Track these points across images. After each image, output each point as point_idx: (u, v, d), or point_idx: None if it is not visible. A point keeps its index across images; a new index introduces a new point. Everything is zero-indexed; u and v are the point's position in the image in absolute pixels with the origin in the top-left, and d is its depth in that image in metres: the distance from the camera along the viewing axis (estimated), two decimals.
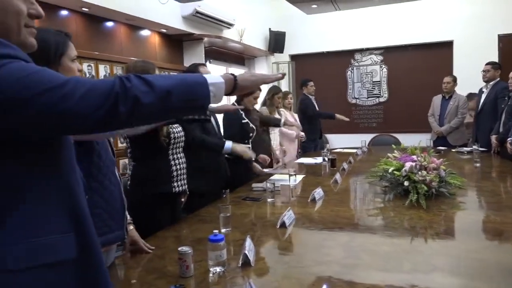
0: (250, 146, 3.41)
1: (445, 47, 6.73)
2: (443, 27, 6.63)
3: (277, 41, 7.21)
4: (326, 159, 4.06)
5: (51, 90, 0.79)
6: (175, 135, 2.39)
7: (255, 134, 3.48)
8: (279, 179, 3.06)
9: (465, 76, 5.77)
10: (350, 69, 7.52)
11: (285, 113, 4.80)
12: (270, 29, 7.20)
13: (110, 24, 4.35)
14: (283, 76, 1.20)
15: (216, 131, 2.98)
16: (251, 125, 3.43)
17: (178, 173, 2.44)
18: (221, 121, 3.28)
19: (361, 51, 7.37)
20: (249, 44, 6.46)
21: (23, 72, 0.79)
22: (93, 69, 4.07)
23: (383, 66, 7.29)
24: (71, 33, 1.46)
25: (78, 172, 0.98)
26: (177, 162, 2.42)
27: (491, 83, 4.78)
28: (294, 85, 7.23)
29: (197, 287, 1.42)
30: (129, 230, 1.80)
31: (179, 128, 2.47)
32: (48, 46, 1.34)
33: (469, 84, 5.54)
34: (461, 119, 5.34)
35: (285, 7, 6.41)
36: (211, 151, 2.89)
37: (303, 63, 7.59)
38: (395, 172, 2.53)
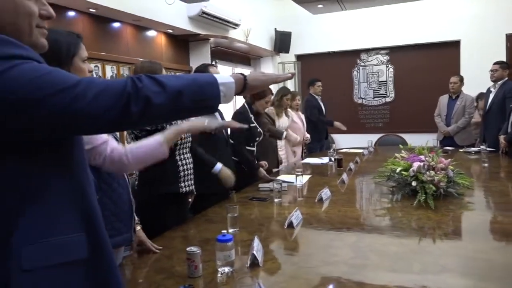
0: (254, 149, 3.41)
1: (452, 46, 6.69)
2: (450, 26, 6.59)
3: (282, 41, 7.21)
4: (332, 159, 4.05)
5: (63, 90, 0.79)
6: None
7: (261, 138, 3.47)
8: (286, 179, 3.05)
9: (472, 75, 5.74)
10: (356, 69, 7.50)
11: (291, 114, 4.79)
12: (275, 29, 7.20)
13: (116, 24, 4.37)
14: (293, 75, 1.20)
15: (223, 132, 2.97)
16: (259, 129, 3.43)
17: (185, 173, 2.44)
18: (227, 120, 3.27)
19: (367, 51, 7.35)
20: (255, 44, 6.46)
21: (36, 72, 0.79)
22: (100, 69, 4.09)
23: (389, 66, 7.26)
24: (82, 34, 1.47)
25: (89, 172, 0.98)
26: (184, 162, 2.42)
27: (499, 82, 4.75)
28: (300, 85, 7.22)
29: (205, 287, 1.42)
30: (136, 230, 1.80)
31: None
32: (60, 47, 1.36)
33: (476, 83, 5.50)
34: (468, 119, 5.31)
35: (291, 7, 6.41)
36: (201, 165, 2.84)
37: (309, 63, 7.58)
38: (402, 172, 2.52)
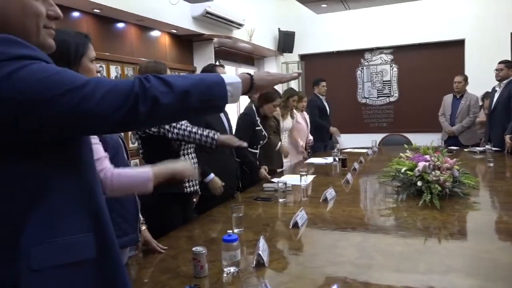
0: (258, 151, 3.40)
1: (457, 45, 6.66)
2: (454, 25, 6.56)
3: (286, 41, 7.20)
4: (336, 159, 4.04)
5: (72, 90, 0.80)
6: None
7: (265, 141, 3.47)
8: (290, 179, 3.05)
9: (477, 75, 5.71)
10: (360, 68, 7.48)
11: (296, 115, 4.79)
12: (279, 29, 7.20)
13: (121, 25, 4.38)
14: (299, 75, 1.19)
15: (226, 130, 2.97)
16: (264, 133, 3.43)
17: None
18: (232, 121, 3.27)
19: (371, 50, 7.33)
20: (259, 44, 6.46)
21: (44, 73, 0.80)
22: (104, 69, 4.10)
23: (393, 65, 7.24)
24: (90, 34, 1.48)
25: (97, 172, 0.98)
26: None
27: (504, 82, 4.72)
28: (303, 85, 7.21)
29: (211, 287, 1.42)
30: (141, 230, 1.81)
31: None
32: (68, 47, 1.37)
33: (481, 83, 5.47)
34: (473, 119, 5.29)
35: (294, 7, 6.40)
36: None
37: (313, 63, 7.57)
38: (408, 172, 2.51)
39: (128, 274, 1.60)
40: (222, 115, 2.91)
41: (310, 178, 3.21)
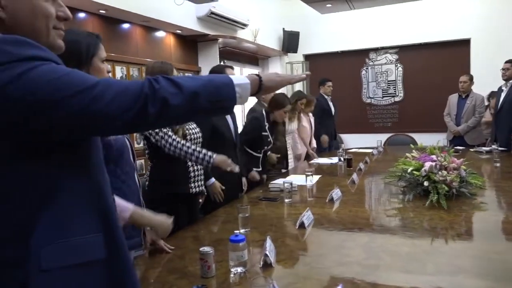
0: (261, 156, 3.40)
1: (462, 45, 6.63)
2: (460, 25, 6.53)
3: (291, 41, 7.19)
4: (342, 159, 4.03)
5: (82, 92, 0.80)
6: (192, 136, 2.39)
7: (270, 147, 3.45)
8: (296, 180, 3.05)
9: (483, 74, 5.68)
10: (364, 68, 7.46)
11: (302, 118, 4.78)
12: (284, 29, 7.19)
13: (126, 26, 4.40)
14: (307, 76, 1.19)
15: (231, 131, 2.97)
16: (269, 139, 3.42)
17: (195, 174, 2.45)
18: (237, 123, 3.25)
19: (376, 50, 7.31)
20: (263, 44, 6.46)
21: (54, 74, 0.80)
22: None
23: (399, 65, 7.22)
24: (101, 35, 1.49)
25: (106, 173, 0.99)
26: (194, 163, 2.42)
27: (510, 81, 4.69)
28: (308, 85, 7.20)
29: (219, 287, 1.42)
30: (146, 230, 1.80)
31: (197, 129, 2.47)
32: (80, 47, 1.38)
33: (487, 82, 5.45)
34: (478, 119, 5.26)
35: (299, 7, 6.39)
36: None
37: (317, 63, 7.56)
38: (414, 172, 2.50)
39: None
40: (228, 116, 2.91)
41: (315, 178, 3.21)
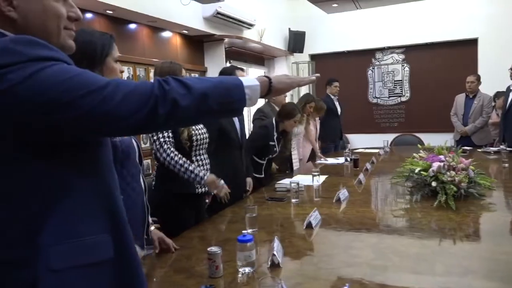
0: (264, 163, 3.39)
1: (470, 44, 6.58)
2: (467, 24, 6.48)
3: (296, 41, 7.18)
4: (348, 159, 4.02)
5: (92, 92, 0.80)
6: (198, 137, 2.38)
7: (274, 155, 3.44)
8: (302, 180, 3.04)
9: (491, 74, 5.64)
10: (371, 68, 7.43)
11: (309, 121, 4.77)
12: (289, 29, 7.18)
13: (133, 26, 4.41)
14: (317, 78, 1.19)
15: (237, 131, 2.97)
16: (276, 148, 3.41)
17: None
18: (244, 123, 3.24)
19: (382, 50, 7.28)
20: (269, 44, 6.45)
21: (65, 74, 0.80)
22: None
23: (405, 65, 7.18)
24: (114, 35, 1.50)
25: (115, 173, 0.99)
26: (200, 163, 2.41)
27: None
28: (314, 85, 7.18)
29: (227, 287, 1.42)
30: (151, 230, 1.80)
31: (204, 129, 2.46)
32: (94, 47, 1.38)
33: (495, 82, 5.40)
34: (486, 119, 5.22)
35: (304, 7, 6.38)
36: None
37: (323, 63, 7.54)
38: (422, 172, 2.49)
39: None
40: (235, 118, 2.90)
41: (322, 178, 3.20)
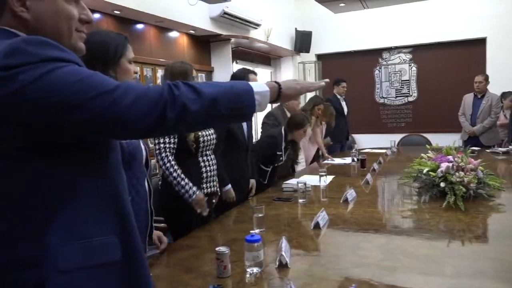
0: (269, 170, 3.39)
1: (478, 44, 6.53)
2: (475, 23, 6.42)
3: (303, 41, 7.16)
4: (355, 159, 4.00)
5: (102, 94, 0.80)
6: (204, 138, 2.38)
7: (279, 164, 3.44)
8: (309, 180, 3.03)
9: (500, 74, 5.59)
10: (378, 68, 7.40)
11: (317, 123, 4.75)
12: (296, 28, 7.17)
13: (140, 26, 4.42)
14: (326, 84, 1.18)
15: (244, 134, 2.97)
16: (282, 158, 3.40)
17: (208, 174, 2.44)
18: (251, 126, 3.23)
19: (389, 49, 7.24)
20: (276, 44, 6.44)
21: (76, 76, 0.80)
22: None
23: (412, 64, 7.14)
24: (129, 36, 1.50)
25: (124, 175, 0.99)
26: (207, 164, 2.42)
27: None
28: None
29: (235, 287, 1.42)
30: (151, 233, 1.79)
31: (211, 130, 2.46)
32: (108, 48, 1.38)
33: (504, 82, 5.36)
34: (494, 119, 5.18)
35: (311, 7, 6.37)
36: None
37: (330, 63, 7.52)
38: (430, 172, 2.47)
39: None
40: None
41: (329, 178, 3.19)
